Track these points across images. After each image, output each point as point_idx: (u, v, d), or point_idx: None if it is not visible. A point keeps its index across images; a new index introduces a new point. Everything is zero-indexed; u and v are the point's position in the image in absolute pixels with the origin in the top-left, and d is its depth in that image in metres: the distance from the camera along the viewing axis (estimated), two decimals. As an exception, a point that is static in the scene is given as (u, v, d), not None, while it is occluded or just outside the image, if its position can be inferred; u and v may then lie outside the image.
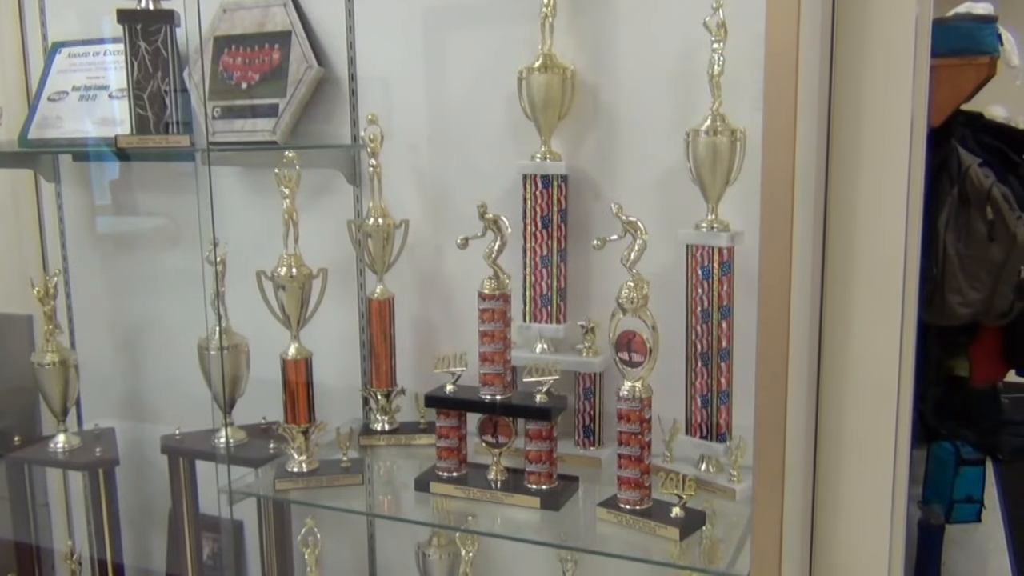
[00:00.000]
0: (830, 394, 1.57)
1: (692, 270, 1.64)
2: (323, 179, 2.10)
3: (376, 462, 1.93)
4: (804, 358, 1.48)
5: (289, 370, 1.78)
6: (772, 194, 1.23)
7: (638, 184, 1.80)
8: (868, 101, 1.49)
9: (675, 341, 1.67)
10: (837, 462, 1.59)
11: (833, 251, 1.55)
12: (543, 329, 1.84)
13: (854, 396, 1.57)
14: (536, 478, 1.66)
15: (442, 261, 2.03)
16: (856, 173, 1.52)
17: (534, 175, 1.80)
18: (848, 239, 1.53)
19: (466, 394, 1.71)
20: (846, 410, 1.57)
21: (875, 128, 1.50)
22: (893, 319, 1.53)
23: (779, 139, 1.22)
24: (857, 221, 1.53)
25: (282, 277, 1.76)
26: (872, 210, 1.52)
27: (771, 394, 1.27)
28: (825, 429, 1.58)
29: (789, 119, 1.21)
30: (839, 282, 1.56)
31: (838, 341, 1.56)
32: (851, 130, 1.51)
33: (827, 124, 1.52)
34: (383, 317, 1.97)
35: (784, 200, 1.22)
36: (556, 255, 1.82)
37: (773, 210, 1.23)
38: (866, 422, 1.56)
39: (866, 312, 1.54)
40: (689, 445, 1.70)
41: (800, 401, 1.46)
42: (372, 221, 1.94)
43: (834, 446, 1.57)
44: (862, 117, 1.50)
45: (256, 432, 2.10)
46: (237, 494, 1.78)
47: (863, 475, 1.57)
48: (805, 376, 1.50)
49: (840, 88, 1.50)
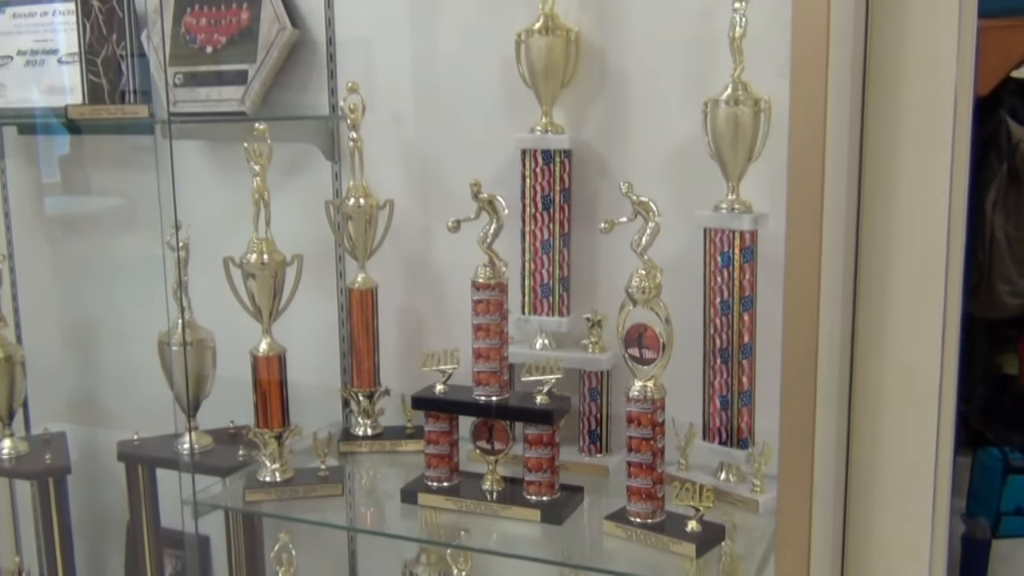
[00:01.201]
0: (864, 395, 1.58)
1: (710, 256, 1.64)
2: (298, 154, 2.09)
3: (358, 471, 1.93)
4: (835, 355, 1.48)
5: (260, 368, 1.78)
6: (800, 171, 1.23)
7: (650, 160, 1.80)
8: (908, 67, 1.48)
9: (691, 336, 1.66)
10: (872, 470, 1.59)
11: (868, 235, 1.55)
12: (544, 322, 1.84)
13: (891, 397, 1.57)
14: (536, 488, 1.66)
15: (431, 246, 2.02)
16: (894, 148, 1.51)
17: (534, 150, 1.80)
18: (885, 222, 1.53)
19: (458, 395, 1.70)
20: (882, 412, 1.57)
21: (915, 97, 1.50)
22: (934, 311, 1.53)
23: (808, 110, 1.21)
24: (895, 202, 1.52)
25: (252, 264, 1.76)
26: (912, 189, 1.52)
27: (798, 395, 1.27)
28: (858, 434, 1.58)
29: (819, 87, 1.21)
30: (874, 270, 1.55)
31: (873, 336, 1.56)
32: (889, 99, 1.50)
33: (862, 93, 1.52)
34: (365, 309, 1.97)
35: (813, 178, 1.22)
36: (558, 239, 1.81)
37: (801, 189, 1.23)
38: (904, 426, 1.56)
39: (904, 303, 1.54)
40: (706, 452, 1.70)
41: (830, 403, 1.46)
42: (353, 201, 1.94)
43: (868, 453, 1.58)
44: (901, 85, 1.50)
45: (223, 437, 2.09)
46: (202, 506, 1.78)
47: (900, 485, 1.57)
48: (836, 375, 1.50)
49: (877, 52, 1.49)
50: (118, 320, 2.38)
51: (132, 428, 2.13)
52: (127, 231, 2.35)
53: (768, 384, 1.56)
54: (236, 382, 1.87)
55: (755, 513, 1.62)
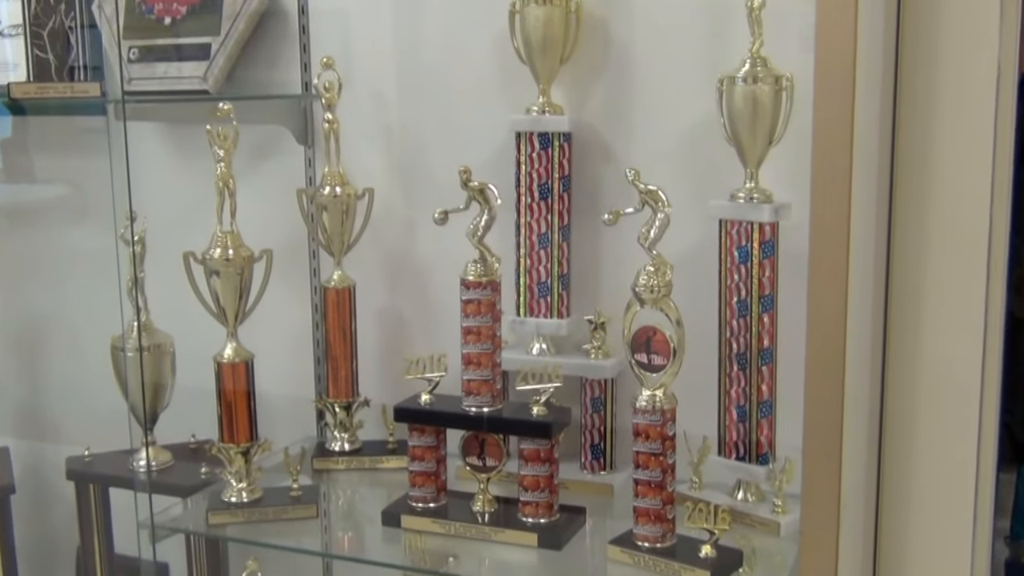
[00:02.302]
0: (897, 405, 1.58)
1: (726, 251, 1.64)
2: (266, 138, 2.09)
3: (334, 490, 1.93)
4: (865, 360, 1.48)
5: (225, 376, 1.78)
6: (825, 156, 1.23)
7: (659, 144, 1.80)
8: (945, 39, 1.48)
9: (705, 340, 1.67)
10: (905, 488, 1.60)
11: (901, 226, 1.55)
12: (541, 325, 1.84)
13: (927, 407, 1.57)
14: (533, 509, 1.66)
15: (415, 240, 2.02)
16: (930, 129, 1.51)
17: (530, 133, 1.80)
18: (920, 212, 1.53)
19: (445, 406, 1.70)
20: (917, 424, 1.57)
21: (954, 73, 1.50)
22: (975, 311, 1.53)
23: (834, 88, 1.21)
24: (931, 189, 1.53)
25: (216, 260, 1.76)
26: (950, 176, 1.52)
27: (823, 405, 1.27)
28: (891, 448, 1.58)
29: (847, 62, 1.21)
30: (908, 265, 1.56)
31: (907, 339, 1.57)
32: (924, 75, 1.51)
33: (894, 69, 1.52)
34: (342, 310, 1.96)
35: (840, 164, 1.22)
36: (557, 233, 1.81)
37: (826, 176, 1.23)
38: (941, 439, 1.56)
39: (942, 303, 1.54)
40: (722, 468, 1.70)
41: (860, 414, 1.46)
42: (328, 190, 1.93)
43: (902, 469, 1.58)
44: (938, 58, 1.50)
45: (184, 453, 2.09)
46: (161, 530, 1.77)
47: (938, 504, 1.58)
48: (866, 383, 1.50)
49: (911, 22, 1.50)
50: (66, 322, 2.37)
51: (82, 443, 2.12)
52: (76, 223, 2.35)
53: (790, 393, 1.56)
54: (198, 392, 1.87)
55: (776, 536, 1.62)
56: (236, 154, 1.77)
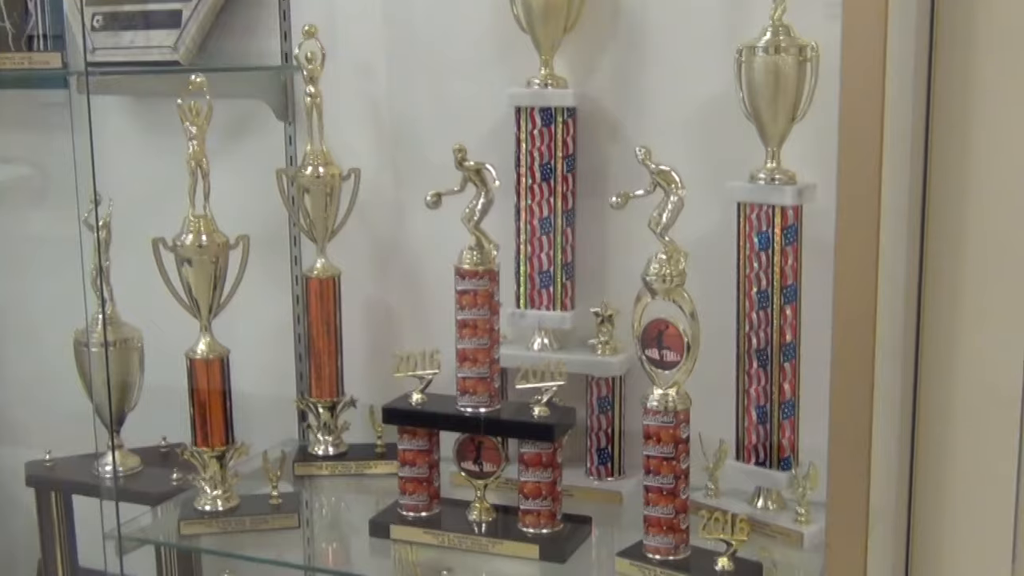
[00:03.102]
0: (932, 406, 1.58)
1: (745, 237, 1.64)
2: (243, 113, 2.08)
3: (317, 498, 1.93)
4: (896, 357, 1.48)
5: (198, 373, 1.78)
6: (853, 134, 1.22)
7: (672, 120, 1.79)
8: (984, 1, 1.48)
9: (722, 334, 1.66)
10: (940, 497, 1.59)
11: (937, 212, 1.55)
12: (543, 318, 1.84)
13: (963, 408, 1.57)
14: (534, 519, 1.66)
15: (406, 225, 2.02)
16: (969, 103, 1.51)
17: (531, 108, 1.79)
18: (958, 195, 1.53)
19: (439, 406, 1.71)
20: (953, 427, 1.57)
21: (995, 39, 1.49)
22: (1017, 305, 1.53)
23: (863, 58, 1.21)
24: (969, 170, 1.52)
25: (188, 247, 1.75)
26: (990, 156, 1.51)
27: (851, 405, 1.27)
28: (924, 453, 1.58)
29: (877, 31, 1.20)
30: (944, 254, 1.55)
31: (943, 334, 1.56)
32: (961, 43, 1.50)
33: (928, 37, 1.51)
34: (326, 302, 1.96)
35: (870, 142, 1.22)
36: (561, 217, 1.81)
37: (855, 156, 1.23)
38: (979, 443, 1.56)
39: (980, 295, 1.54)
40: (740, 474, 1.70)
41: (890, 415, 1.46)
42: (310, 171, 1.93)
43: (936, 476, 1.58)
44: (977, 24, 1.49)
45: (154, 457, 2.09)
46: (128, 541, 1.78)
47: (975, 516, 1.58)
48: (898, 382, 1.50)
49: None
50: (25, 315, 2.37)
51: (43, 446, 2.12)
52: (36, 206, 2.35)
53: (815, 392, 1.56)
54: (169, 391, 1.86)
55: (799, 548, 1.62)
56: (210, 131, 1.77)
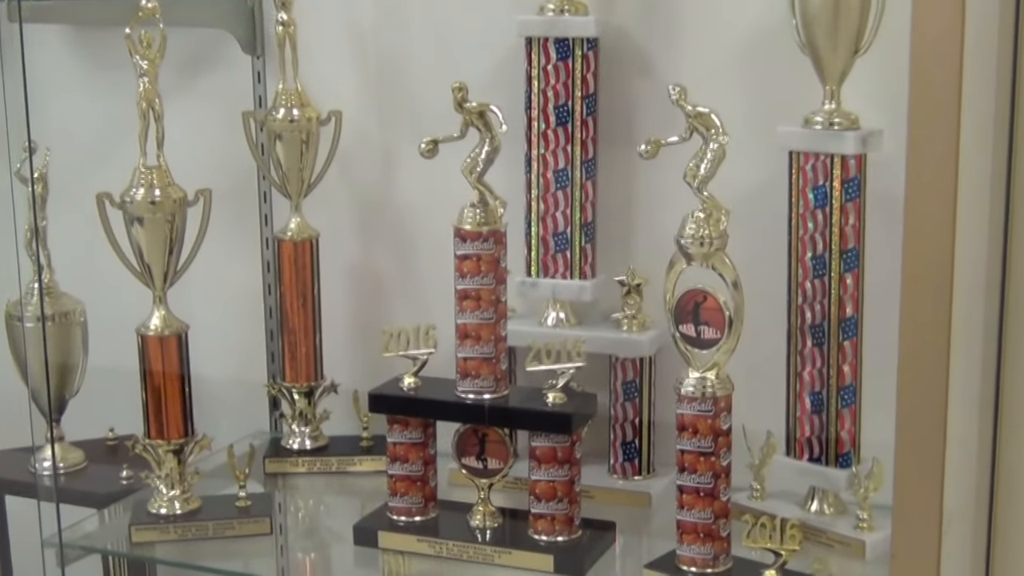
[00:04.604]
0: (1018, 393, 1.57)
1: (799, 192, 1.64)
2: (204, 45, 2.09)
3: (293, 499, 1.94)
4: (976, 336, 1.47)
5: (151, 353, 1.78)
6: (927, 69, 1.21)
7: (712, 53, 1.80)
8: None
9: (770, 306, 1.67)
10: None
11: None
12: (559, 287, 1.84)
13: (1056, 394, 1.57)
14: (547, 525, 1.67)
15: (396, 178, 2.03)
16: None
17: (544, 39, 1.79)
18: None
19: (435, 391, 1.71)
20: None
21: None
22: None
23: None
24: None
25: (138, 204, 1.75)
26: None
27: (921, 392, 1.27)
28: (1008, 448, 1.58)
29: (958, -54, 1.19)
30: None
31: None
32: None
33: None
34: (301, 268, 1.97)
35: (946, 78, 1.21)
36: (580, 169, 1.81)
37: (929, 95, 1.22)
38: (1074, 436, 1.56)
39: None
40: (791, 472, 1.71)
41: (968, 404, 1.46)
42: (283, 114, 1.94)
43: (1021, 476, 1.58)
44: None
45: (100, 451, 2.10)
46: (72, 549, 1.79)
47: (1068, 520, 1.58)
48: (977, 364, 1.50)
49: None
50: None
51: (-31, 439, 2.13)
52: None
53: (879, 376, 1.55)
54: (117, 373, 1.88)
55: (860, 559, 1.63)
56: (164, 66, 1.77)
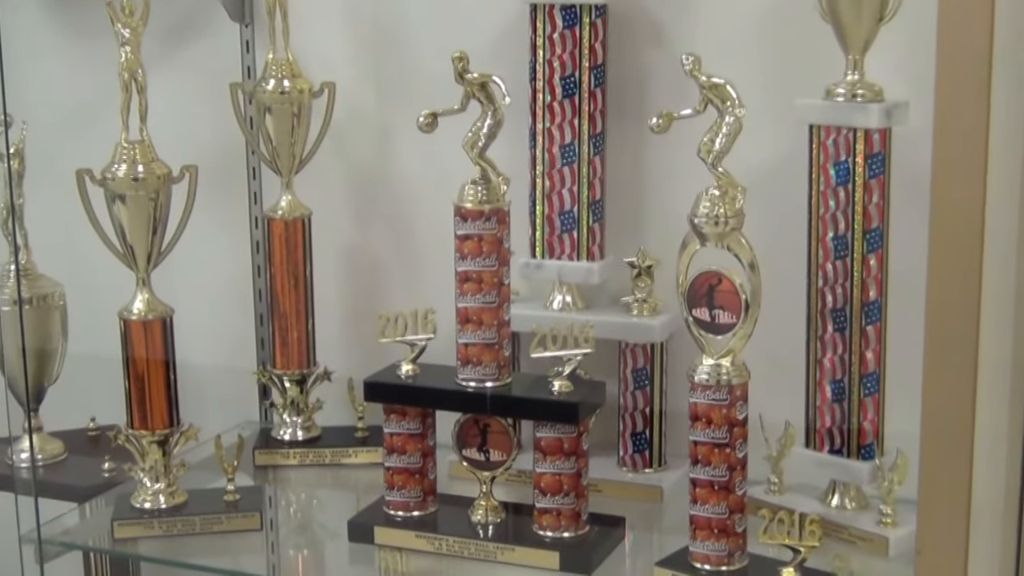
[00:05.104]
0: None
1: (820, 169, 1.64)
2: (189, 13, 2.09)
3: (284, 493, 1.95)
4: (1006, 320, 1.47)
5: (135, 338, 1.78)
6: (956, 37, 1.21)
7: (728, 21, 1.80)
8: None
9: (788, 290, 1.67)
10: (1060, 493, 1.59)
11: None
12: (565, 269, 1.85)
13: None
14: (553, 520, 1.67)
15: (392, 153, 2.03)
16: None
17: (550, 5, 1.79)
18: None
19: (434, 379, 1.71)
20: (1077, 406, 1.57)
21: None
22: None
23: (972, -59, 1.19)
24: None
25: (120, 181, 1.75)
26: None
27: (949, 380, 1.26)
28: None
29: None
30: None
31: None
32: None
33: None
34: (293, 249, 1.97)
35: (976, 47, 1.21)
36: (588, 144, 1.81)
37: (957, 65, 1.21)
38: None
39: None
40: (811, 464, 1.71)
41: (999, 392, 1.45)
42: (273, 85, 1.94)
43: (1055, 466, 1.58)
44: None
45: (80, 442, 2.11)
46: (51, 545, 1.79)
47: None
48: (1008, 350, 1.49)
49: None
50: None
51: (-57, 429, 2.14)
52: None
53: (904, 364, 1.56)
54: (98, 360, 1.88)
55: (883, 557, 1.63)
56: (147, 35, 1.77)
